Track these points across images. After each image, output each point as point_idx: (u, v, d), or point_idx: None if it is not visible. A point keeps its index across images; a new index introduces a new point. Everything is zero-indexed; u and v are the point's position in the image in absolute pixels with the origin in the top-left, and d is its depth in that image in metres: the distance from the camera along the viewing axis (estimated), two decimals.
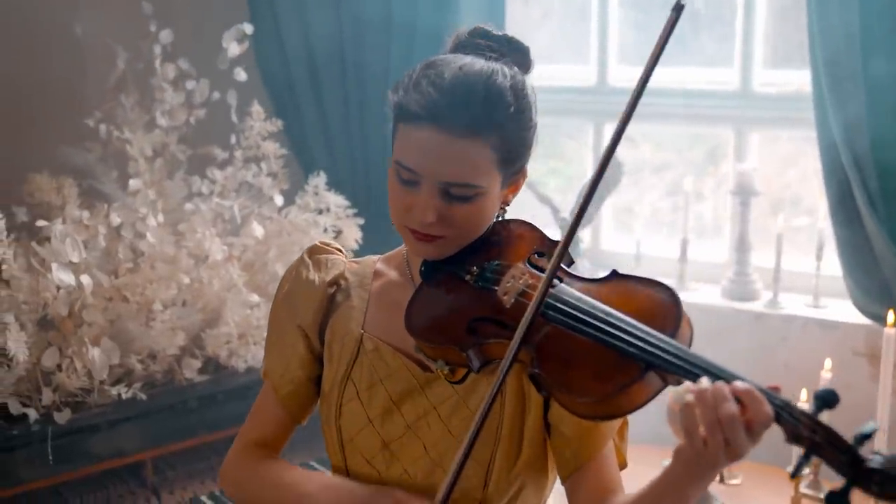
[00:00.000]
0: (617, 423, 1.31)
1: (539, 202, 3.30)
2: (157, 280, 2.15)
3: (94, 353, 2.05)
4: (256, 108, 2.60)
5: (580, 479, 1.28)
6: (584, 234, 3.35)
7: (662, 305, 1.15)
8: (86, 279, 2.03)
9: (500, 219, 1.37)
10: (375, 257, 1.47)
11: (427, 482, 1.30)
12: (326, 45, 3.08)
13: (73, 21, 2.79)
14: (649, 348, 1.09)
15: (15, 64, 2.94)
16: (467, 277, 1.29)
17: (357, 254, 2.28)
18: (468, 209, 1.26)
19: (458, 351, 1.24)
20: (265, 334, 1.49)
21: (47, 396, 2.11)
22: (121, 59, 2.71)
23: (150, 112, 2.60)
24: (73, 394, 2.17)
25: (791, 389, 2.49)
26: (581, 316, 1.15)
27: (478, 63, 1.27)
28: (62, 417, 2.12)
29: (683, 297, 3.01)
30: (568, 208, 3.28)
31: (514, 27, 3.38)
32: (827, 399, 1.02)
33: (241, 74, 2.63)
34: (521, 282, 1.24)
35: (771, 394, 1.04)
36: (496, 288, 1.26)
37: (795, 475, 1.03)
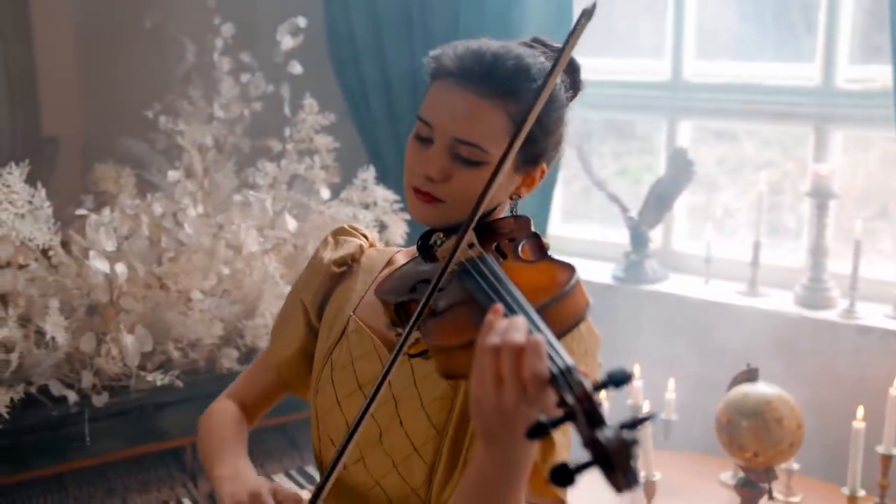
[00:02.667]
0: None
1: (608, 201, 3.21)
2: (195, 270, 2.19)
3: (128, 339, 2.10)
4: (309, 102, 2.61)
5: None
6: (654, 234, 3.24)
7: (553, 279, 1.14)
8: (120, 268, 2.08)
9: (512, 213, 1.35)
10: (399, 248, 1.49)
11: (378, 470, 1.30)
12: (396, 39, 3.08)
13: (143, 14, 2.87)
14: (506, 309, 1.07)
15: (89, 56, 3.06)
16: (432, 241, 1.32)
17: None
18: (472, 175, 1.25)
19: (392, 307, 1.25)
20: None
21: (87, 380, 2.18)
22: (189, 51, 2.79)
23: (210, 104, 2.65)
24: (115, 378, 2.24)
25: (861, 403, 2.34)
26: (473, 274, 1.16)
27: (521, 48, 1.30)
28: (100, 400, 2.19)
29: (753, 302, 2.91)
30: (637, 207, 3.18)
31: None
32: (616, 378, 0.95)
33: (295, 67, 2.65)
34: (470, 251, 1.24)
35: (560, 355, 0.99)
36: (439, 250, 1.30)
37: (532, 436, 0.92)
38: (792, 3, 3.03)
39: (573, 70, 1.35)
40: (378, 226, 2.52)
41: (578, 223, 3.52)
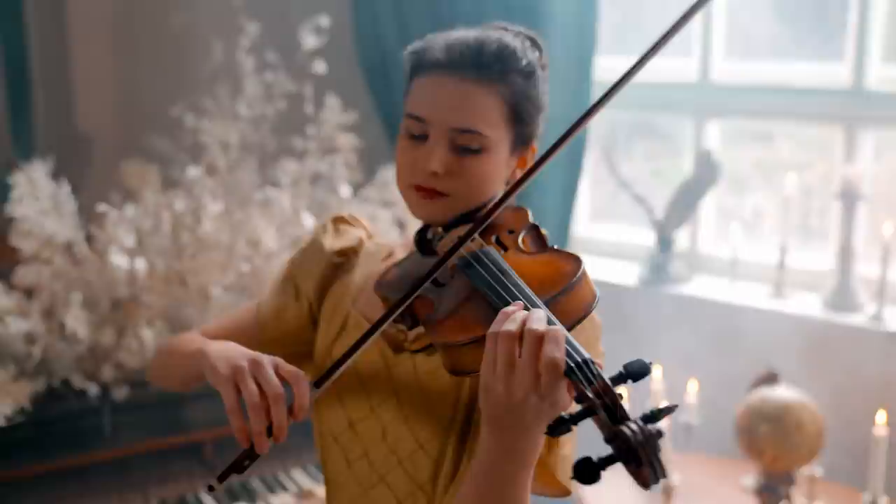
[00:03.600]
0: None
1: (634, 202, 3.19)
2: (214, 266, 2.21)
3: (146, 333, 2.13)
4: (332, 101, 2.63)
5: None
6: (680, 235, 3.21)
7: (561, 271, 1.14)
8: (140, 263, 2.11)
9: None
10: (398, 241, 1.49)
11: (383, 466, 1.28)
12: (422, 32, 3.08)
13: (172, 14, 2.91)
14: (511, 301, 1.08)
15: (121, 55, 3.11)
16: (431, 237, 1.30)
17: None
18: (474, 163, 1.25)
19: (385, 299, 1.25)
20: None
21: (108, 373, 2.21)
22: (216, 50, 2.82)
23: (234, 102, 2.68)
24: (135, 372, 2.27)
25: (887, 409, 2.31)
26: (477, 268, 1.16)
27: (498, 31, 1.31)
28: (120, 394, 2.22)
29: (779, 305, 2.87)
30: (663, 208, 3.15)
31: (612, 10, 3.27)
32: (634, 372, 0.96)
33: (319, 66, 2.67)
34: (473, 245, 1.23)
35: (576, 349, 1.00)
36: (439, 245, 1.27)
37: (553, 433, 0.94)
38: (822, 4, 2.99)
39: (539, 48, 1.34)
40: (398, 224, 2.53)
41: (606, 223, 3.50)
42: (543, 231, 1.28)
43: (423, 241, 1.31)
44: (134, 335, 2.20)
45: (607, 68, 3.07)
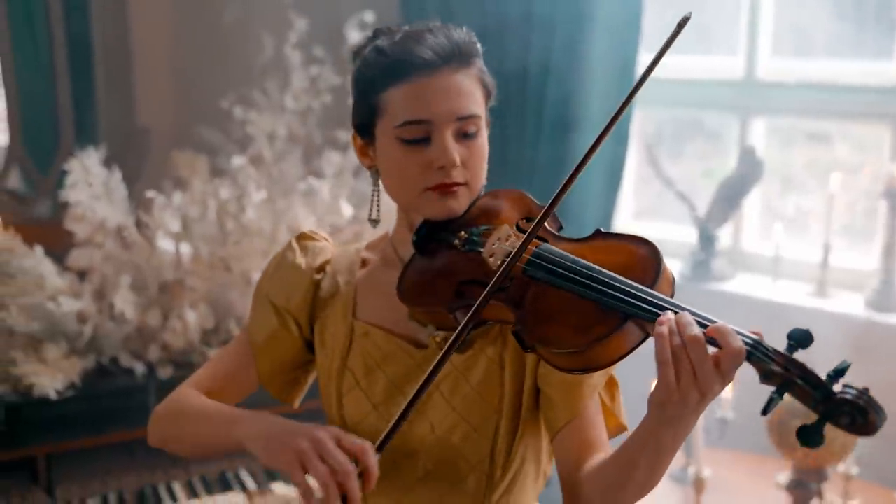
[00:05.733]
0: (598, 380, 1.28)
1: (676, 199, 3.20)
2: (256, 253, 2.30)
3: (190, 315, 2.22)
4: None
5: (563, 439, 1.28)
6: (723, 233, 3.21)
7: (642, 258, 1.15)
8: (185, 248, 2.20)
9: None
10: (359, 245, 1.48)
11: (435, 458, 1.31)
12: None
13: (224, 11, 3.01)
14: (627, 298, 1.10)
15: (178, 49, 3.23)
16: (456, 243, 1.30)
17: None
18: (476, 146, 1.30)
19: (447, 313, 1.26)
20: None
21: (154, 353, 2.31)
22: (267, 45, 2.91)
23: (282, 96, 2.76)
24: (180, 352, 2.36)
25: None
26: (560, 270, 1.17)
27: (441, 26, 1.34)
28: (165, 373, 2.32)
29: (822, 304, 2.86)
30: (706, 205, 3.15)
31: (655, 7, 3.28)
32: (801, 339, 1.03)
33: None
34: (507, 243, 1.25)
35: (743, 332, 1.04)
36: (482, 250, 1.27)
37: (766, 412, 1.01)
38: (868, 1, 2.96)
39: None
40: None
41: (651, 221, 3.51)
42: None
43: (424, 243, 1.32)
44: (179, 317, 2.29)
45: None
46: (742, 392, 2.69)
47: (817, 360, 2.52)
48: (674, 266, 3.26)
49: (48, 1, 3.07)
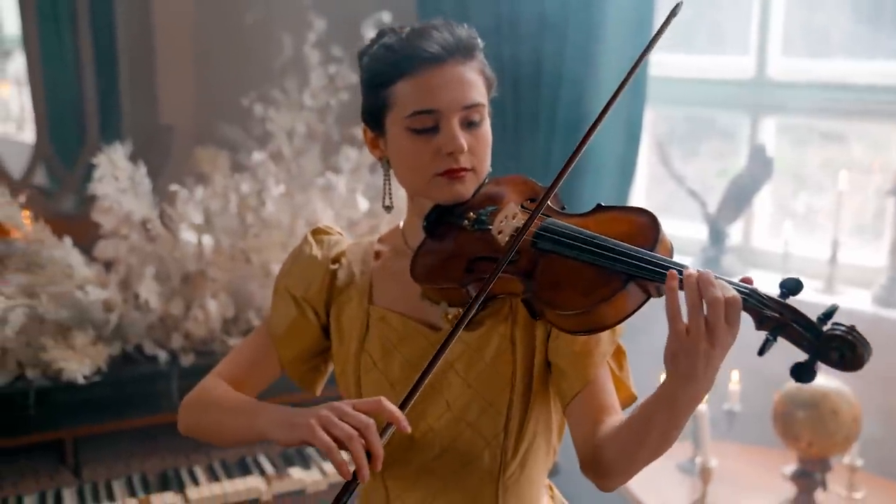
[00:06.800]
0: (607, 349, 1.35)
1: (688, 197, 3.25)
2: (275, 245, 2.38)
3: (211, 305, 2.30)
4: None
5: (576, 407, 1.34)
6: (733, 230, 3.26)
7: (642, 226, 1.23)
8: (206, 239, 2.29)
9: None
10: (372, 238, 1.56)
11: (450, 433, 1.39)
12: (484, 32, 3.20)
13: (244, 12, 3.09)
14: (628, 260, 1.17)
15: (200, 49, 3.31)
16: (465, 223, 1.38)
17: None
18: (481, 133, 1.38)
19: (459, 288, 1.33)
20: None
21: (176, 341, 2.39)
22: (287, 45, 2.99)
23: (301, 94, 2.84)
24: (201, 341, 2.44)
25: None
26: (565, 240, 1.25)
27: (443, 22, 1.43)
28: (187, 361, 2.40)
29: (829, 299, 2.90)
30: (716, 203, 3.21)
31: (667, 8, 3.33)
32: (791, 287, 1.10)
33: None
34: (514, 220, 1.33)
35: (737, 282, 1.12)
36: (491, 227, 1.35)
37: (762, 353, 1.08)
38: (876, 1, 3.00)
39: None
40: None
41: (663, 219, 3.55)
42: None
43: (434, 227, 1.40)
44: (200, 307, 2.38)
45: (664, 64, 3.14)
46: (749, 385, 2.74)
47: None
48: (685, 262, 3.31)
49: (75, 4, 3.16)
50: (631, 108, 3.00)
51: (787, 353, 2.97)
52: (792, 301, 1.09)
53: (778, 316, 1.08)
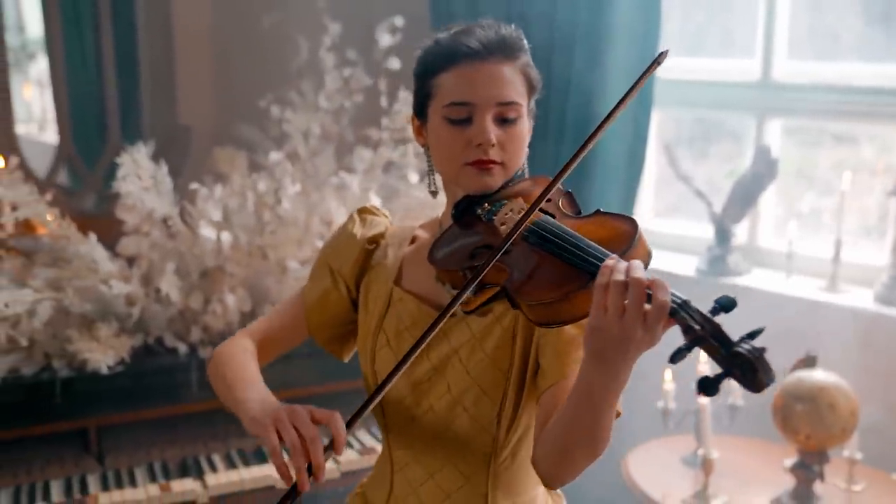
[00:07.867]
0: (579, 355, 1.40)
1: (694, 196, 3.31)
2: (291, 242, 2.47)
3: (229, 299, 2.39)
4: (404, 95, 2.85)
5: (544, 401, 1.40)
6: (739, 229, 3.32)
7: (621, 232, 1.30)
8: (225, 236, 2.38)
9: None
10: (415, 224, 1.66)
11: (448, 415, 1.48)
12: None
13: (261, 16, 3.18)
14: (593, 260, 1.24)
15: (218, 52, 3.40)
16: (480, 213, 1.47)
17: None
18: (515, 131, 1.45)
19: (458, 272, 1.42)
20: None
21: (196, 334, 2.49)
22: (303, 48, 3.08)
23: (316, 96, 2.93)
24: (220, 334, 2.53)
25: None
26: (546, 235, 1.32)
27: (493, 23, 1.50)
28: (206, 353, 2.49)
29: (833, 298, 2.96)
30: (722, 203, 3.27)
31: (674, 13, 3.40)
32: (725, 304, 1.13)
33: (394, 63, 2.90)
34: (518, 215, 1.41)
35: (676, 293, 1.16)
36: (495, 219, 1.44)
37: (673, 361, 1.11)
38: (882, 3, 3.06)
39: None
40: None
41: (670, 219, 3.63)
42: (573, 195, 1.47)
43: (461, 215, 1.48)
44: (219, 301, 2.47)
45: (673, 67, 3.20)
46: None
47: (826, 351, 2.61)
48: (691, 261, 3.40)
49: (97, 7, 3.26)
50: (638, 112, 3.07)
51: (787, 353, 3.03)
52: (722, 318, 1.13)
53: (700, 329, 1.12)
